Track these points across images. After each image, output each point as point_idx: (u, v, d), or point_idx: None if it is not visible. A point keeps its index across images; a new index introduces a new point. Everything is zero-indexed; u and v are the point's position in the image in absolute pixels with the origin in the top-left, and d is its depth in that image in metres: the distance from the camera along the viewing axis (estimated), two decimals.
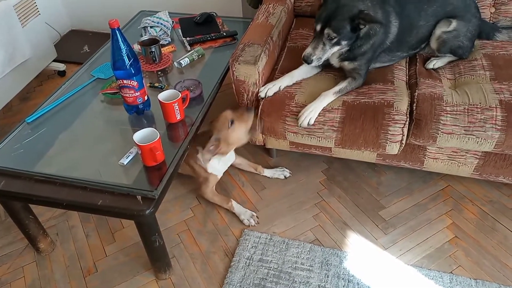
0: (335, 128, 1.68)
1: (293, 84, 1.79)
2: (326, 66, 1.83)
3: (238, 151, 2.01)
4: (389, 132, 1.62)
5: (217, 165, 1.83)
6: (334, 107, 1.68)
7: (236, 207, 1.87)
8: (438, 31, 1.78)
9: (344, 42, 1.62)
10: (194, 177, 1.90)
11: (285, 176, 2.03)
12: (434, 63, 1.81)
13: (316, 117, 1.67)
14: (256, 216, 1.85)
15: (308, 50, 1.64)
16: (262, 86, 1.78)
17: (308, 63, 1.66)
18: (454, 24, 1.75)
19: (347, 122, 1.66)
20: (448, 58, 1.83)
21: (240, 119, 1.70)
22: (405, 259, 1.68)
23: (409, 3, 1.74)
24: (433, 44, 1.81)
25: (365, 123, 1.64)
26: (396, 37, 1.73)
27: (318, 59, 1.65)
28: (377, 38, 1.66)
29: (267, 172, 2.04)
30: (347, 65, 1.72)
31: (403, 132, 1.62)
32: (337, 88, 1.68)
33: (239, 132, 1.70)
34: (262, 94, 1.76)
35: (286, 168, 2.06)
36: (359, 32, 1.60)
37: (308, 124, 1.67)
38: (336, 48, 1.64)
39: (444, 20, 1.77)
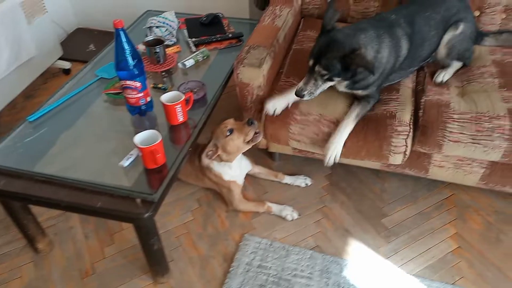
0: None
1: None
2: None
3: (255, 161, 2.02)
4: (392, 143, 1.59)
5: (230, 171, 1.81)
6: (339, 120, 1.65)
7: (274, 207, 1.86)
8: (447, 36, 1.73)
9: (337, 79, 1.54)
10: (219, 192, 1.91)
11: (306, 184, 2.00)
12: (443, 76, 1.75)
13: (341, 151, 1.64)
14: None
15: (300, 84, 1.57)
16: (268, 101, 1.69)
17: (301, 98, 1.59)
18: (461, 26, 1.71)
19: (349, 135, 1.63)
20: (454, 67, 1.78)
21: (239, 130, 1.68)
22: (407, 268, 1.65)
23: (418, 17, 1.67)
24: (442, 50, 1.76)
25: (368, 135, 1.62)
26: (407, 56, 1.66)
27: (310, 93, 1.57)
28: (386, 67, 1.60)
29: (288, 179, 2.01)
30: (359, 93, 1.64)
31: (406, 143, 1.59)
32: (354, 114, 1.61)
33: (237, 142, 1.68)
34: (270, 112, 1.68)
35: (306, 175, 2.03)
36: (354, 70, 1.50)
37: (335, 159, 1.65)
38: (330, 83, 1.57)
39: (453, 25, 1.73)
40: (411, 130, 1.60)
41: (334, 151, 1.63)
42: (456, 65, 1.79)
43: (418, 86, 1.78)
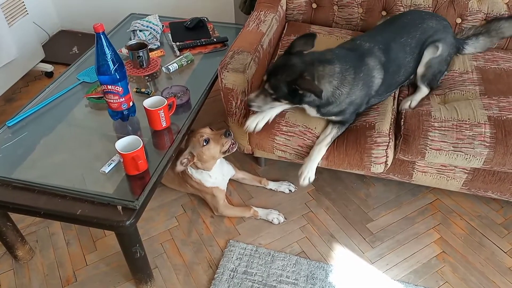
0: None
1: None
2: None
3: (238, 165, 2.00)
4: (373, 155, 1.59)
5: (210, 179, 1.79)
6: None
7: (260, 211, 1.86)
8: (427, 56, 1.70)
9: (284, 101, 1.53)
10: (203, 198, 1.90)
11: (290, 190, 1.99)
12: (409, 103, 1.71)
13: (315, 171, 1.63)
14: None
15: (252, 95, 1.57)
16: (249, 119, 1.65)
17: (250, 108, 1.59)
18: (440, 48, 1.68)
19: (330, 149, 1.63)
20: (422, 94, 1.73)
21: (215, 141, 1.68)
22: (392, 274, 1.65)
23: (392, 44, 1.64)
24: (420, 69, 1.72)
25: (348, 148, 1.61)
26: (382, 83, 1.62)
27: (259, 107, 1.57)
28: (356, 96, 1.56)
29: (272, 185, 2.00)
30: (333, 119, 1.62)
31: (386, 153, 1.59)
32: (328, 138, 1.60)
33: (213, 151, 1.68)
34: (250, 128, 1.64)
35: (290, 181, 2.02)
36: (303, 96, 1.48)
37: (309, 181, 1.63)
38: (278, 104, 1.56)
39: (432, 46, 1.69)
40: (391, 140, 1.60)
41: (308, 174, 1.63)
42: (424, 91, 1.74)
43: (401, 94, 1.80)
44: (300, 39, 1.51)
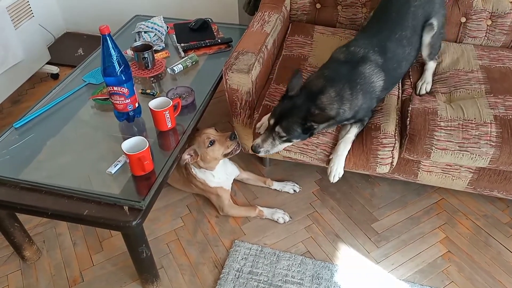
0: (326, 153, 1.66)
1: None
2: None
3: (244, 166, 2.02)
4: (379, 156, 1.60)
5: (214, 179, 1.80)
6: (328, 130, 1.65)
7: (265, 210, 1.86)
8: (427, 38, 1.74)
9: (296, 140, 1.56)
10: (208, 198, 1.90)
11: (294, 191, 1.99)
12: (425, 87, 1.76)
13: (344, 166, 1.64)
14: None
15: (258, 141, 1.57)
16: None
17: (256, 153, 1.59)
18: (435, 23, 1.72)
19: None
20: (430, 71, 1.80)
21: (221, 143, 1.69)
22: (397, 273, 1.65)
23: (389, 43, 1.65)
24: (425, 51, 1.77)
25: (354, 149, 1.62)
26: (386, 81, 1.63)
27: (266, 151, 1.57)
28: (360, 103, 1.57)
29: (277, 185, 2.00)
30: (347, 122, 1.63)
31: (392, 155, 1.60)
32: (351, 134, 1.60)
33: (216, 153, 1.70)
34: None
35: (294, 181, 2.03)
36: (314, 130, 1.51)
37: (339, 176, 1.65)
38: (287, 144, 1.59)
39: (428, 27, 1.73)
40: (397, 141, 1.61)
41: (337, 171, 1.64)
42: (432, 66, 1.80)
43: (404, 92, 1.80)
44: (292, 82, 1.53)
